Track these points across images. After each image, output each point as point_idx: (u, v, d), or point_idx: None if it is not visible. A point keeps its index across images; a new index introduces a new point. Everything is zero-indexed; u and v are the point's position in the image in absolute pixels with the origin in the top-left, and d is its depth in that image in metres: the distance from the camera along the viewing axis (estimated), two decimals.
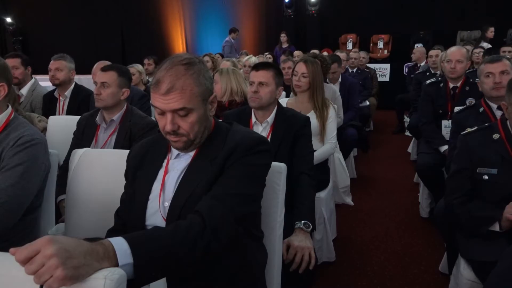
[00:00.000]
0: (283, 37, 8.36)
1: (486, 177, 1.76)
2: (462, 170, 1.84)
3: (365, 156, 4.67)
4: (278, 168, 1.49)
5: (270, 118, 2.15)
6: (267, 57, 5.99)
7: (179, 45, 10.72)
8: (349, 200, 3.25)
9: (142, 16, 10.74)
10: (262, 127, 2.17)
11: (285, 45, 8.35)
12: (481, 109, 2.46)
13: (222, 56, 6.39)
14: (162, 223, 1.21)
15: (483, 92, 2.52)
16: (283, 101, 2.89)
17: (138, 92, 3.42)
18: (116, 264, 0.89)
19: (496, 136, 1.80)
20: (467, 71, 3.59)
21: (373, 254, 2.70)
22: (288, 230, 1.66)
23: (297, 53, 6.20)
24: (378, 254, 2.69)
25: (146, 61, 5.04)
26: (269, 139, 2.10)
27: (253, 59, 4.59)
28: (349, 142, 3.69)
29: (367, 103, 5.59)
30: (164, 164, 1.29)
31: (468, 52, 4.30)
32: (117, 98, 2.28)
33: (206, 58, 5.12)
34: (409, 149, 4.79)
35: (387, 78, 7.88)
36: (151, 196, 1.26)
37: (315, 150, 2.30)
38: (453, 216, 1.86)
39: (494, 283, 1.41)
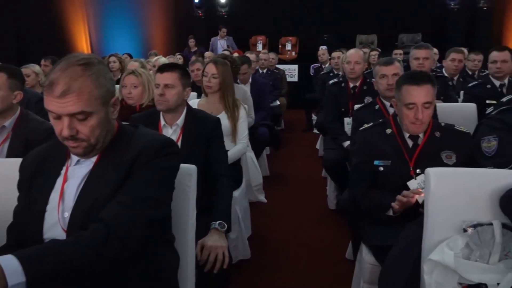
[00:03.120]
0: (191, 42, 8.28)
1: (381, 168, 1.92)
2: (362, 163, 1.99)
3: (277, 154, 4.83)
4: (188, 170, 1.48)
5: (180, 120, 2.12)
6: (178, 58, 5.90)
7: (82, 45, 10.05)
8: (262, 198, 3.34)
9: (40, 14, 9.88)
10: (172, 130, 2.13)
11: (193, 49, 8.32)
12: (377, 107, 2.68)
13: (131, 57, 6.15)
14: (63, 235, 1.12)
15: (378, 91, 2.75)
16: (194, 102, 2.86)
17: (34, 95, 3.14)
18: (5, 285, 0.81)
19: (388, 130, 1.97)
20: (365, 72, 3.89)
21: (287, 248, 2.80)
22: (207, 232, 1.67)
23: (207, 54, 6.19)
24: (291, 248, 2.80)
25: (43, 62, 4.66)
26: (179, 141, 2.07)
27: (163, 60, 4.49)
28: (261, 141, 3.78)
29: (278, 102, 5.78)
30: (63, 171, 1.21)
31: (365, 54, 4.67)
32: (8, 102, 2.07)
33: (113, 59, 4.89)
34: (317, 146, 5.05)
35: (295, 79, 8.23)
36: (48, 207, 1.16)
37: (227, 150, 2.33)
38: (356, 205, 2.00)
39: (389, 264, 1.55)
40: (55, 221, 1.15)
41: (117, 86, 2.82)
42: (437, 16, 8.65)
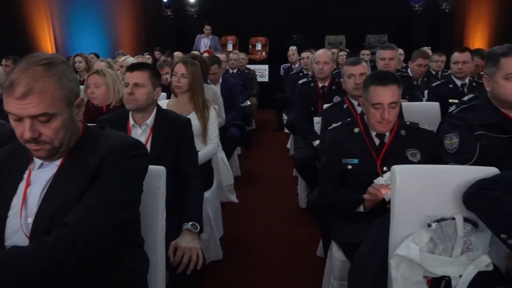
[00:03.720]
0: (157, 54, 7.63)
1: (350, 166, 1.95)
2: (330, 161, 2.02)
3: (248, 154, 4.84)
4: (157, 172, 1.46)
5: (150, 120, 2.09)
6: (146, 58, 5.81)
7: (46, 44, 9.72)
8: (233, 198, 3.34)
9: (1, 11, 9.49)
10: (141, 130, 2.10)
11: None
12: (345, 106, 2.73)
13: (98, 56, 6.00)
14: (25, 242, 1.09)
15: (346, 91, 2.80)
16: (163, 102, 2.83)
17: None
18: None
19: (356, 129, 2.01)
20: (334, 72, 3.95)
21: (259, 248, 2.81)
22: (179, 233, 1.65)
23: (177, 53, 6.13)
24: (263, 248, 2.82)
25: (4, 61, 4.49)
26: (149, 141, 2.05)
27: (130, 59, 4.41)
28: (232, 141, 3.78)
29: (248, 102, 5.79)
30: (25, 176, 1.17)
31: (333, 54, 4.74)
32: None
33: (79, 59, 4.76)
34: (288, 145, 5.09)
35: (266, 79, 8.26)
36: (10, 213, 1.12)
37: (198, 151, 2.32)
38: (326, 203, 2.03)
39: (358, 260, 1.58)
40: (18, 227, 1.11)
41: (83, 87, 2.75)
42: (402, 18, 8.90)
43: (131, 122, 2.11)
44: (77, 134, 1.19)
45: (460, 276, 1.34)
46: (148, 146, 2.02)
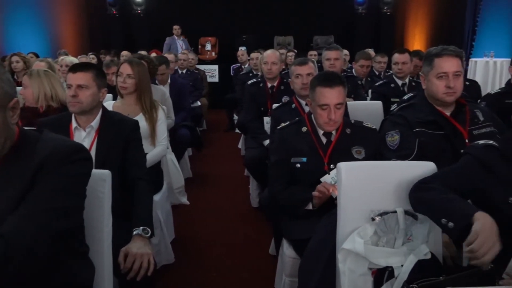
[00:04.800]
0: (102, 57, 7.13)
1: (298, 165, 1.99)
2: (280, 160, 2.05)
3: (199, 155, 4.80)
4: (102, 176, 1.41)
5: (95, 123, 2.01)
6: (91, 58, 5.59)
7: None
8: (184, 200, 3.30)
9: None
10: (85, 133, 2.01)
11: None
12: (293, 106, 2.78)
13: (37, 56, 5.69)
14: None
15: (294, 91, 2.85)
16: (109, 104, 2.73)
17: None
18: None
19: (304, 128, 2.06)
20: (283, 72, 4.02)
21: (212, 250, 2.79)
22: (128, 238, 1.61)
23: (124, 53, 5.95)
24: (216, 249, 2.80)
25: None
26: (94, 144, 1.97)
27: (70, 59, 4.21)
28: (182, 142, 3.73)
29: (199, 103, 5.74)
30: None
31: (282, 55, 4.81)
32: None
33: (16, 58, 4.49)
34: (239, 145, 5.10)
35: (216, 79, 8.23)
36: None
37: (146, 153, 2.27)
38: (276, 202, 2.06)
39: (307, 256, 1.62)
40: None
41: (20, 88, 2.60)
42: (348, 20, 9.20)
43: (74, 124, 2.01)
44: (12, 139, 1.12)
45: (402, 265, 1.41)
46: (93, 150, 1.94)
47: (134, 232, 1.64)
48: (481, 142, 1.49)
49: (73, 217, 1.15)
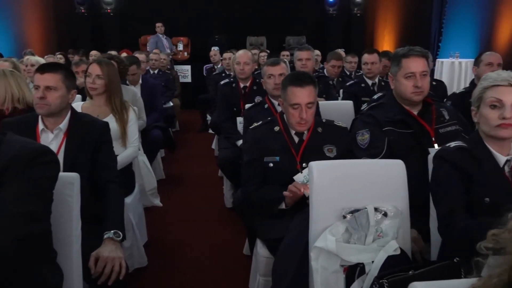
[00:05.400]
0: (71, 56, 6.85)
1: (271, 164, 2.01)
2: (253, 160, 2.06)
3: (172, 156, 4.74)
4: (70, 179, 1.37)
5: (63, 125, 1.95)
6: (58, 58, 5.44)
7: None
8: (157, 202, 3.26)
9: None
10: (53, 135, 1.95)
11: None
12: (266, 106, 2.79)
13: (1, 56, 5.49)
14: None
15: (267, 91, 2.86)
16: (77, 105, 2.66)
17: None
18: None
19: (276, 128, 2.07)
20: (255, 72, 4.02)
21: (185, 251, 2.77)
22: (99, 242, 1.57)
23: (93, 52, 5.82)
24: (189, 250, 2.78)
25: None
26: (63, 147, 1.91)
27: (36, 58, 4.07)
28: (154, 143, 3.68)
29: (171, 104, 5.68)
30: None
31: (254, 55, 4.82)
32: None
33: None
34: (213, 146, 5.08)
35: (189, 79, 8.17)
36: None
37: (117, 155, 2.23)
38: (249, 202, 2.07)
39: (280, 255, 1.64)
40: None
41: None
42: (319, 21, 9.31)
43: (41, 126, 1.95)
44: None
45: (373, 261, 1.44)
46: (62, 152, 1.89)
47: (105, 236, 1.61)
48: (453, 145, 1.54)
49: (40, 222, 1.12)
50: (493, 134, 1.46)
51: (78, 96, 3.02)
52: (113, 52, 4.96)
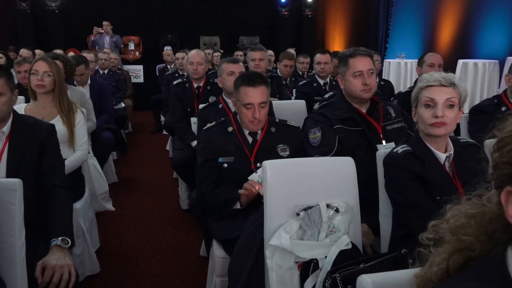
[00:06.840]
0: (12, 54, 6.39)
1: (225, 165, 2.01)
2: (207, 161, 2.05)
3: (125, 158, 4.62)
4: (12, 185, 1.30)
5: (6, 128, 1.84)
6: None
7: None
8: (109, 206, 3.16)
9: None
10: None
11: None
12: (220, 106, 2.78)
13: None
14: None
15: (224, 89, 2.84)
16: (20, 107, 2.52)
17: None
18: None
19: (230, 128, 2.07)
20: (209, 72, 4.00)
21: (140, 255, 2.70)
22: (46, 251, 1.51)
23: (37, 51, 5.53)
24: (144, 254, 2.72)
25: None
26: (5, 152, 1.81)
27: None
28: (105, 146, 3.56)
29: (123, 105, 5.52)
30: None
31: (208, 55, 4.79)
32: None
33: None
34: (168, 147, 5.00)
35: (141, 80, 7.97)
36: None
37: (65, 159, 2.14)
38: (204, 202, 2.05)
39: (236, 255, 1.64)
40: None
41: None
42: (272, 21, 9.41)
43: None
44: None
45: (326, 257, 1.48)
46: (4, 157, 1.80)
47: (52, 243, 1.55)
48: (400, 150, 1.60)
49: None
50: (428, 132, 1.55)
51: (21, 98, 2.87)
52: (59, 51, 4.74)
